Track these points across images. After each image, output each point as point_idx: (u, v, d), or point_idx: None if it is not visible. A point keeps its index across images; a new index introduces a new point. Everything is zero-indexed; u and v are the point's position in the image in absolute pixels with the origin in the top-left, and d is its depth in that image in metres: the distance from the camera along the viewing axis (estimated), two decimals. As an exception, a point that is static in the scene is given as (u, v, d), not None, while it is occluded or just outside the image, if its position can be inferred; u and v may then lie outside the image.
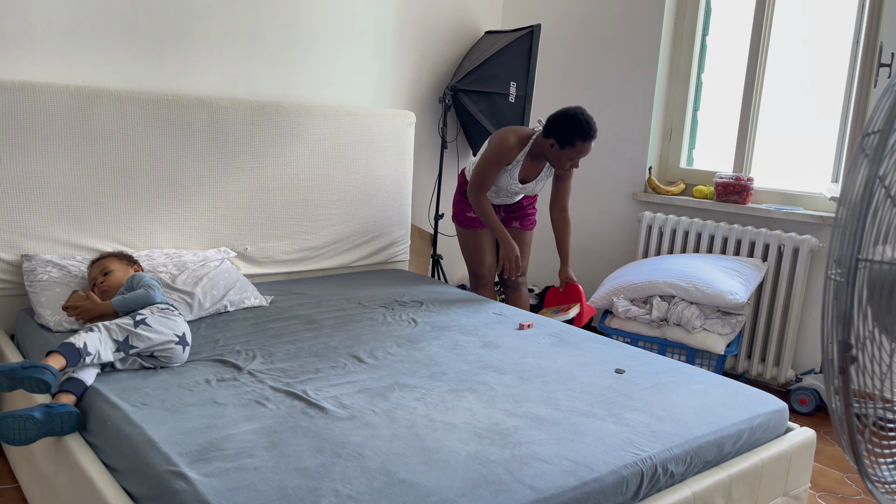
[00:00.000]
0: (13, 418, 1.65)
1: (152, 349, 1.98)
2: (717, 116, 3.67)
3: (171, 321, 2.05)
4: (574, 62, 4.02)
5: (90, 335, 1.88)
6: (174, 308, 2.14)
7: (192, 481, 1.40)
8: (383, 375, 2.04)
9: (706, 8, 3.64)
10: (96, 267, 2.36)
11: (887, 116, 1.15)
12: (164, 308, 2.11)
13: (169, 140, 2.78)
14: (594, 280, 4.05)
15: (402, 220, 3.56)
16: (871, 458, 1.28)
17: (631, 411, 1.88)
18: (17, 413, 1.66)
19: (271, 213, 3.10)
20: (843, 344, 1.17)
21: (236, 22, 3.12)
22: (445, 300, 2.92)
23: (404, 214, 3.56)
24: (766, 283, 3.28)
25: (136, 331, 1.96)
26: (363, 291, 3.00)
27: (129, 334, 1.95)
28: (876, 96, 2.90)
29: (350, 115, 3.27)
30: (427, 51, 3.85)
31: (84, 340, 1.85)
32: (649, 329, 3.10)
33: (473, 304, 2.88)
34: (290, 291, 2.93)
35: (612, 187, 3.92)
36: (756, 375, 3.36)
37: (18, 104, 2.45)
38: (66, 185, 2.58)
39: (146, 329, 1.97)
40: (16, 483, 2.19)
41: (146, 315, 2.03)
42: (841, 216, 1.23)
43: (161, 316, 2.05)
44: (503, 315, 2.75)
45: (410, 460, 1.54)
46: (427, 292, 3.02)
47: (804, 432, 2.07)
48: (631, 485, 1.59)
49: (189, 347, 2.09)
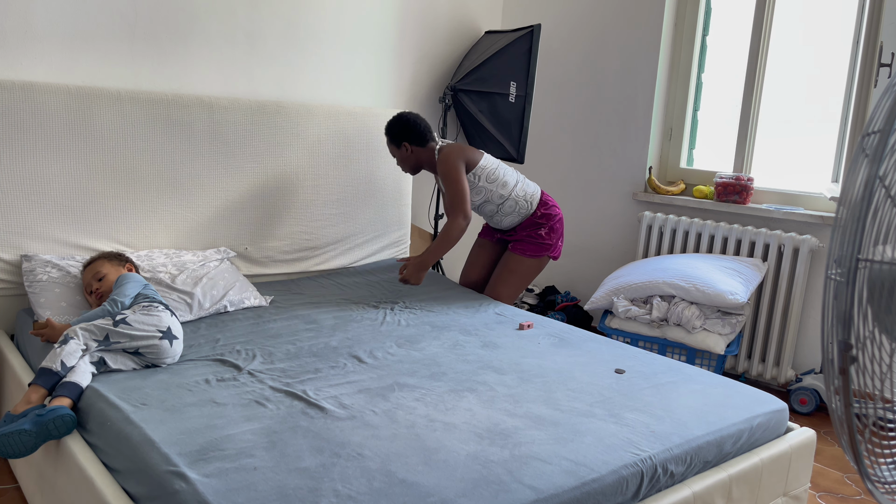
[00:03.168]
0: (6, 436, 1.65)
1: (136, 346, 1.98)
2: (717, 116, 3.67)
3: (152, 317, 2.04)
4: (574, 62, 4.02)
5: (68, 346, 1.90)
6: (160, 304, 2.13)
7: (191, 481, 1.40)
8: (383, 375, 2.04)
9: (706, 8, 3.64)
10: (89, 272, 2.35)
11: (887, 116, 1.15)
12: (147, 305, 2.10)
13: (169, 140, 2.78)
14: (594, 280, 4.05)
15: (402, 221, 3.56)
16: (871, 458, 1.28)
17: (631, 411, 1.88)
18: (9, 430, 1.66)
19: (271, 213, 3.10)
20: (843, 344, 1.17)
21: (236, 22, 3.12)
22: (446, 299, 2.92)
23: (404, 214, 3.56)
24: (766, 283, 3.28)
25: (116, 329, 1.97)
26: (363, 291, 3.00)
27: (109, 332, 1.96)
28: (876, 96, 2.90)
29: (350, 115, 3.27)
30: (427, 51, 3.85)
31: (60, 359, 1.87)
32: (649, 329, 3.10)
33: (473, 304, 2.88)
34: (290, 291, 2.93)
35: (612, 187, 3.92)
36: (756, 375, 3.36)
37: (18, 104, 2.45)
38: (66, 185, 2.58)
39: (126, 328, 1.98)
40: (16, 483, 2.19)
41: (126, 315, 2.03)
42: (841, 216, 1.23)
43: (143, 313, 2.05)
44: (503, 315, 2.75)
45: (410, 460, 1.54)
46: (426, 291, 3.02)
47: (804, 432, 2.07)
48: (631, 485, 1.59)
49: (179, 341, 2.07)
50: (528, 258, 3.08)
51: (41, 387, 1.84)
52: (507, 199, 3.02)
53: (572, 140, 4.07)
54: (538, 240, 3.08)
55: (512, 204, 3.04)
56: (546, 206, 3.10)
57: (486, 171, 2.98)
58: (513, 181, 3.03)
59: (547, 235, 3.09)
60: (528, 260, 3.09)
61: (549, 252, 3.11)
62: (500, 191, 3.00)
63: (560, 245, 3.16)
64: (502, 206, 3.04)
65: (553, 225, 3.10)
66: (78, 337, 1.93)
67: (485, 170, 2.98)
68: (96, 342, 1.95)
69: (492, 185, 2.99)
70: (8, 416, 1.77)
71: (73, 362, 1.88)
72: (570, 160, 4.09)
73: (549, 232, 3.09)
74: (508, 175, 3.03)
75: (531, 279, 3.14)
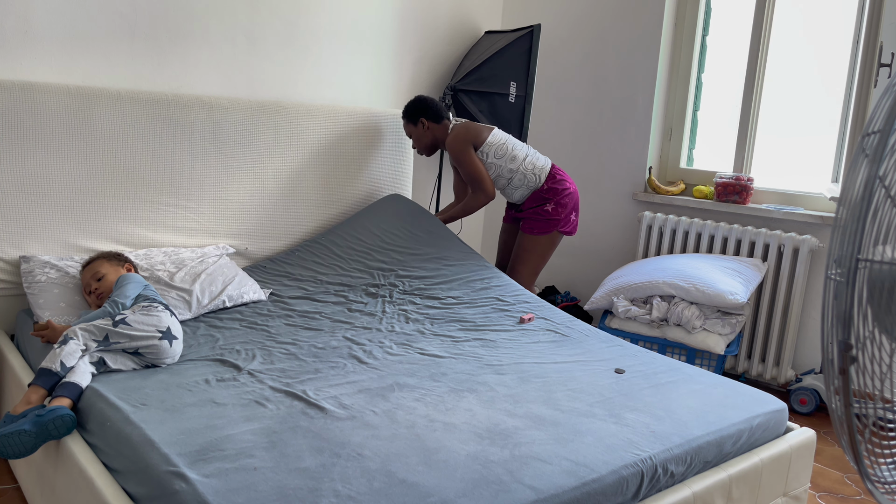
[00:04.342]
0: (6, 437, 1.66)
1: (136, 347, 1.98)
2: (717, 116, 3.67)
3: (152, 317, 2.05)
4: (574, 62, 4.02)
5: (67, 346, 1.90)
6: (160, 304, 2.14)
7: (191, 482, 1.40)
8: (383, 375, 2.04)
9: (706, 8, 3.64)
10: (88, 271, 2.35)
11: (887, 116, 1.15)
12: (147, 305, 2.11)
13: (169, 140, 2.78)
14: (594, 280, 4.05)
15: (402, 220, 3.56)
16: (871, 458, 1.28)
17: (631, 411, 1.88)
18: (9, 430, 1.67)
19: (271, 213, 3.09)
20: (843, 344, 1.17)
21: (236, 22, 3.12)
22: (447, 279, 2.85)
23: (404, 214, 3.56)
24: (766, 283, 3.28)
25: (116, 329, 1.98)
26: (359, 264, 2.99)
27: (109, 332, 1.97)
28: (876, 96, 2.90)
29: (350, 115, 3.27)
30: (427, 51, 3.85)
31: (59, 360, 1.87)
32: (649, 329, 3.10)
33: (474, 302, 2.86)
34: (290, 291, 2.93)
35: (612, 187, 3.91)
36: (756, 375, 3.36)
37: (18, 104, 2.45)
38: (65, 185, 2.58)
39: (125, 328, 1.99)
40: (16, 483, 2.19)
41: (126, 315, 2.04)
42: (841, 216, 1.23)
43: (142, 314, 2.05)
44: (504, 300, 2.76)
45: (410, 460, 1.54)
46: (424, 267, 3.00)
47: (804, 432, 2.07)
48: (631, 485, 1.59)
49: (179, 342, 2.07)
50: (537, 235, 3.15)
51: (41, 387, 1.84)
52: (517, 172, 3.12)
53: (572, 140, 4.07)
54: (544, 216, 3.13)
55: (521, 177, 3.13)
56: (554, 179, 3.15)
57: (493, 148, 3.09)
58: (522, 155, 3.13)
59: (554, 211, 3.12)
60: (538, 237, 3.15)
61: (560, 227, 3.14)
62: (510, 165, 3.11)
63: (573, 220, 3.19)
64: (512, 179, 3.14)
65: (560, 200, 3.11)
66: (77, 337, 1.93)
67: (492, 146, 3.09)
68: (96, 342, 1.95)
69: (500, 160, 3.10)
70: (8, 417, 1.77)
71: (72, 363, 1.88)
72: (570, 160, 4.09)
73: (557, 207, 3.11)
74: (518, 149, 3.13)
75: (547, 256, 3.21)
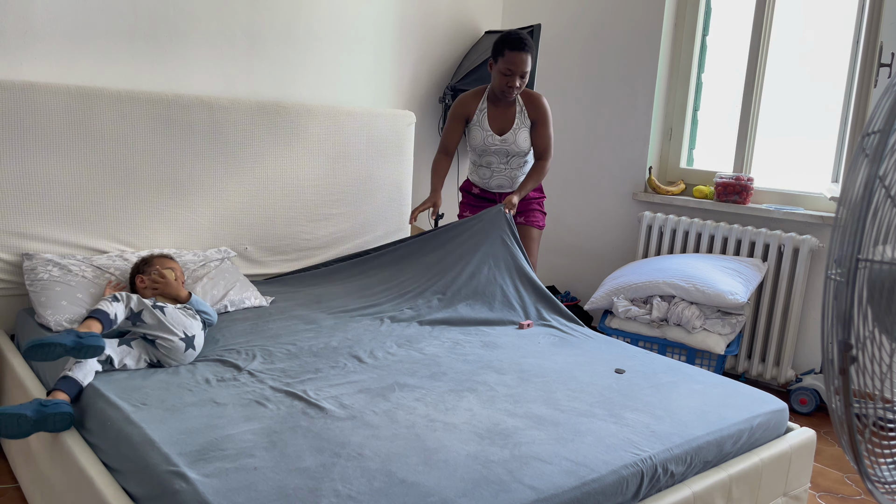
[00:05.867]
0: (6, 415, 1.69)
1: (157, 335, 2.04)
2: (717, 116, 3.67)
3: (186, 320, 2.13)
4: (574, 62, 4.02)
5: (117, 304, 2.02)
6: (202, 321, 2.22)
7: (192, 481, 1.40)
8: (383, 375, 2.04)
9: (706, 8, 3.64)
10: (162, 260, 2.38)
11: (887, 116, 1.15)
12: (190, 311, 2.20)
13: (169, 140, 2.78)
14: (594, 280, 4.05)
15: (402, 221, 3.56)
16: (871, 458, 1.28)
17: (631, 411, 1.88)
18: (11, 411, 1.70)
19: (271, 213, 3.10)
20: (843, 344, 1.17)
21: (236, 22, 3.12)
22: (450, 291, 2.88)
23: (404, 214, 3.56)
24: (766, 283, 3.28)
25: (153, 310, 2.07)
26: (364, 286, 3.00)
27: (145, 309, 2.06)
28: (876, 96, 2.90)
29: (350, 115, 3.27)
30: (427, 51, 3.85)
31: (115, 311, 2.01)
32: (649, 329, 3.10)
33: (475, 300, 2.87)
34: (291, 291, 2.93)
35: (612, 187, 3.92)
36: (756, 375, 3.36)
37: (18, 104, 2.45)
38: (66, 185, 2.58)
39: (160, 313, 2.07)
40: (16, 483, 2.19)
41: (167, 306, 2.13)
42: (841, 216, 1.23)
43: (181, 313, 2.14)
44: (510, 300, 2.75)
45: (410, 460, 1.54)
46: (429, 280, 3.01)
47: (804, 432, 2.07)
48: (631, 485, 1.59)
49: (194, 353, 2.12)
50: (541, 228, 3.27)
51: (99, 321, 1.96)
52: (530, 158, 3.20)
53: (572, 140, 4.07)
54: (542, 208, 3.26)
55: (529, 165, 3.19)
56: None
57: None
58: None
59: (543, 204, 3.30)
60: (540, 231, 3.28)
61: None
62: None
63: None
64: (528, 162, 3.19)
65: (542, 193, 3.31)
66: (123, 300, 2.05)
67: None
68: (129, 312, 2.05)
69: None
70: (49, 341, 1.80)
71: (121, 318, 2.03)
72: (570, 160, 4.09)
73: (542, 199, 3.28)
74: None
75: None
